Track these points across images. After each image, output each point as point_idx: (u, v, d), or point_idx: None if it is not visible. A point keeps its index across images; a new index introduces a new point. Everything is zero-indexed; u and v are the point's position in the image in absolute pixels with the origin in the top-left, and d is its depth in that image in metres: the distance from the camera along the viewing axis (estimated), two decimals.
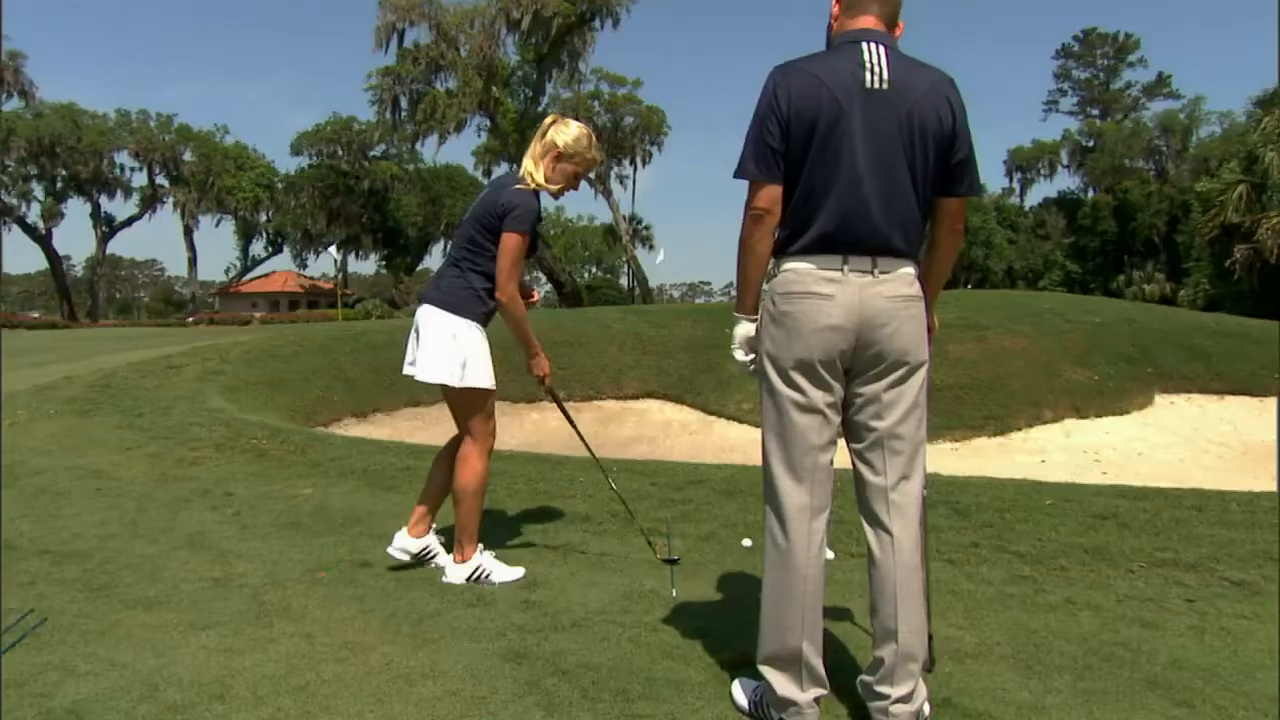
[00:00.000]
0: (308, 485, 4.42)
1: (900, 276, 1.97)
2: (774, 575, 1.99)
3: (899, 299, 1.96)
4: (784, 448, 1.99)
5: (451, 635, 2.49)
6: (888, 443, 1.99)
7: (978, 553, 3.28)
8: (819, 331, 1.94)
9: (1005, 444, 7.86)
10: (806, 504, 1.98)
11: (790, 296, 1.97)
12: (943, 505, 3.74)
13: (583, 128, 3.01)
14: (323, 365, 8.90)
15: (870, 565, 2.01)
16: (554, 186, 2.98)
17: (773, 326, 2.00)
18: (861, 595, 2.75)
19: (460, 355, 2.88)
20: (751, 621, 2.07)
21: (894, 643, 1.94)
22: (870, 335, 1.94)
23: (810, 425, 1.97)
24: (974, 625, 2.62)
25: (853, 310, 1.93)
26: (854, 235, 1.93)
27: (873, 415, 2.00)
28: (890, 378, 1.98)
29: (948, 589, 2.94)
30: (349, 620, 2.60)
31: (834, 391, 1.98)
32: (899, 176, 1.94)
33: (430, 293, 3.05)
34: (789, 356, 1.96)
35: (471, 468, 2.95)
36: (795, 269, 1.98)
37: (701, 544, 3.46)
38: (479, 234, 2.94)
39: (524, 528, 3.55)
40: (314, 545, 3.41)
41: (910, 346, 1.98)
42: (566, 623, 2.56)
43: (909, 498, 2.00)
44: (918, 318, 2.00)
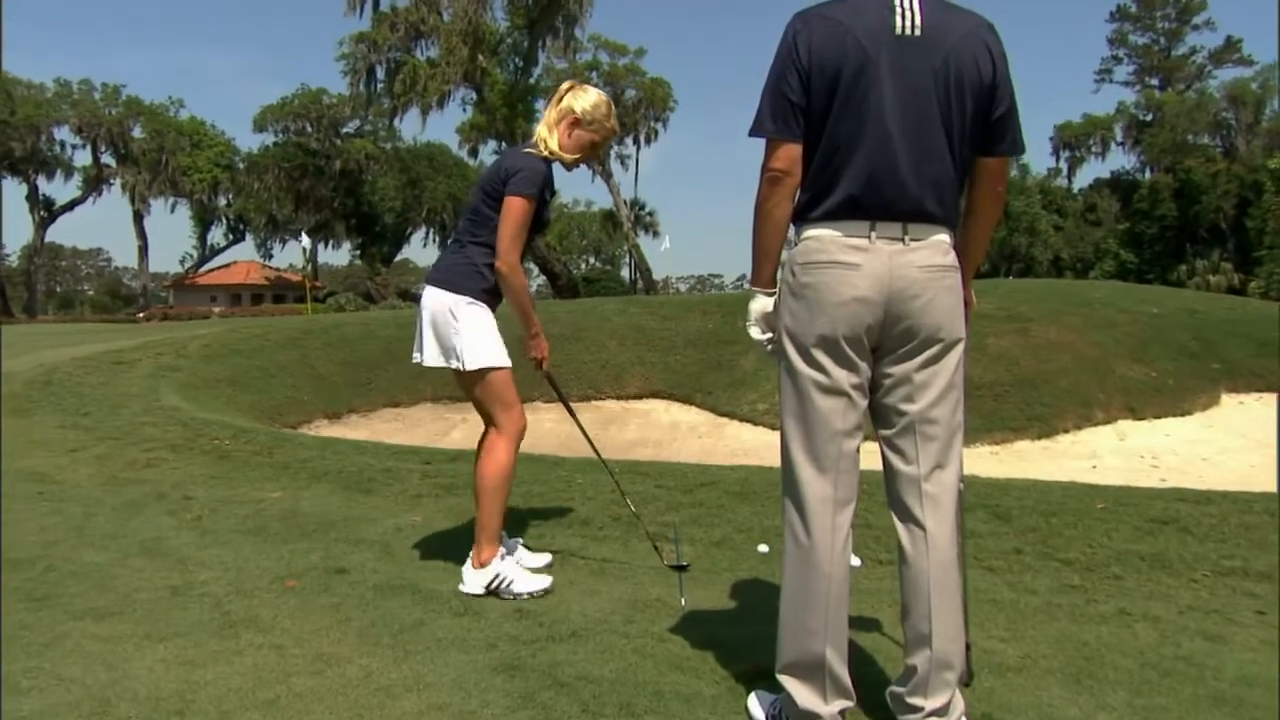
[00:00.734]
0: (275, 489, 4.45)
1: (933, 244, 1.98)
2: (794, 575, 2.00)
3: (932, 269, 1.97)
4: (805, 434, 2.01)
5: (437, 646, 2.51)
6: (920, 428, 2.01)
7: (1021, 560, 3.30)
8: (843, 305, 1.95)
9: (1051, 448, 7.87)
10: (830, 495, 1.99)
11: (812, 267, 1.99)
12: (981, 509, 3.76)
13: (601, 94, 3.06)
14: (291, 361, 8.93)
15: (901, 564, 2.03)
16: (569, 156, 3.01)
17: (792, 300, 2.02)
18: (891, 605, 2.78)
19: (462, 336, 2.92)
20: (769, 632, 2.08)
21: (928, 649, 1.96)
22: (900, 309, 1.96)
23: (834, 409, 1.99)
24: (1017, 637, 2.63)
25: (881, 281, 1.95)
26: (882, 198, 1.95)
27: (903, 398, 2.01)
28: (923, 356, 1.99)
29: (987, 598, 2.96)
30: (323, 630, 2.62)
31: (860, 371, 2.00)
32: (933, 133, 1.95)
33: (433, 273, 3.09)
34: (810, 332, 1.98)
35: (496, 460, 2.97)
36: (817, 236, 1.99)
37: (713, 550, 3.49)
38: (483, 203, 2.97)
39: (517, 533, 3.57)
40: (283, 552, 3.43)
41: (944, 321, 1.99)
42: (564, 633, 2.58)
43: (944, 488, 2.02)
44: (953, 289, 2.01)
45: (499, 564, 2.96)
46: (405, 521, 3.88)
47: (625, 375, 9.84)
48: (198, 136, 44.73)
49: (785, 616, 2.01)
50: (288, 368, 8.80)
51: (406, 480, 4.53)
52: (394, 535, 3.68)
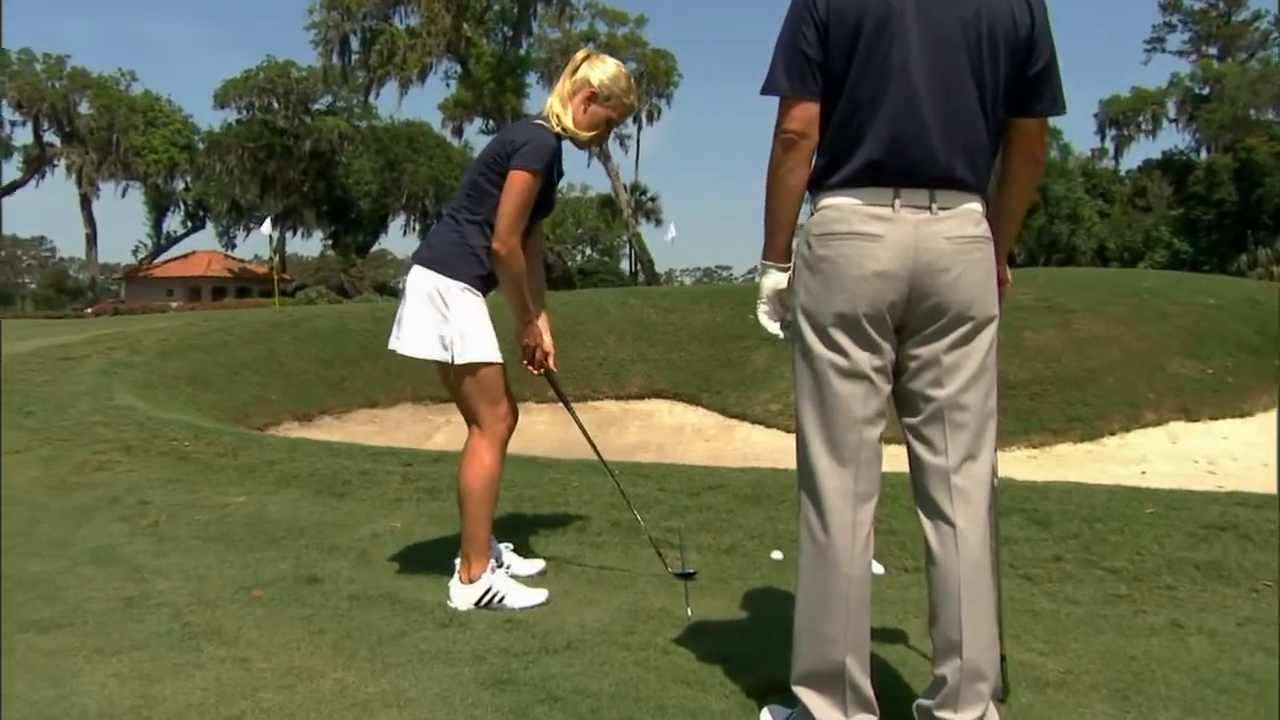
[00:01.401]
0: (240, 493, 4.49)
1: (964, 213, 1.99)
2: (811, 576, 2.01)
3: (962, 240, 1.98)
4: (822, 421, 2.02)
5: (419, 659, 2.53)
6: (949, 415, 2.01)
7: (1062, 568, 3.32)
8: (865, 279, 1.96)
9: (1095, 452, 7.90)
10: (850, 489, 2.00)
11: (830, 238, 2.00)
12: (1017, 513, 3.78)
13: (621, 66, 3.05)
14: (256, 357, 8.98)
15: (928, 565, 2.04)
16: (584, 133, 3.01)
17: (809, 275, 2.03)
18: (918, 615, 2.81)
19: (453, 325, 2.92)
20: (783, 643, 2.10)
21: (958, 658, 1.97)
22: (927, 284, 1.97)
23: (854, 394, 2.00)
24: (1057, 650, 2.64)
25: (906, 253, 1.96)
26: (907, 163, 1.96)
27: (931, 382, 2.02)
28: (952, 335, 2.00)
29: (1024, 609, 2.97)
30: (293, 643, 2.64)
31: (883, 353, 2.01)
32: (963, 91, 1.96)
33: (420, 251, 3.09)
34: (828, 310, 1.99)
35: (479, 463, 2.97)
36: (836, 205, 2.01)
37: (721, 557, 3.51)
38: (483, 177, 2.97)
39: (506, 540, 3.58)
40: (248, 560, 3.46)
41: (976, 297, 2.00)
42: (559, 644, 2.61)
43: (975, 481, 2.03)
44: (984, 263, 2.02)
45: (490, 578, 2.97)
46: (383, 527, 3.91)
47: (625, 373, 9.87)
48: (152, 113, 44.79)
49: (801, 622, 2.03)
50: (253, 365, 8.84)
51: (385, 483, 4.56)
52: (371, 542, 3.70)
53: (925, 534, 2.05)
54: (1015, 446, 7.78)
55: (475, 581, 2.96)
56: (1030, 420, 8.13)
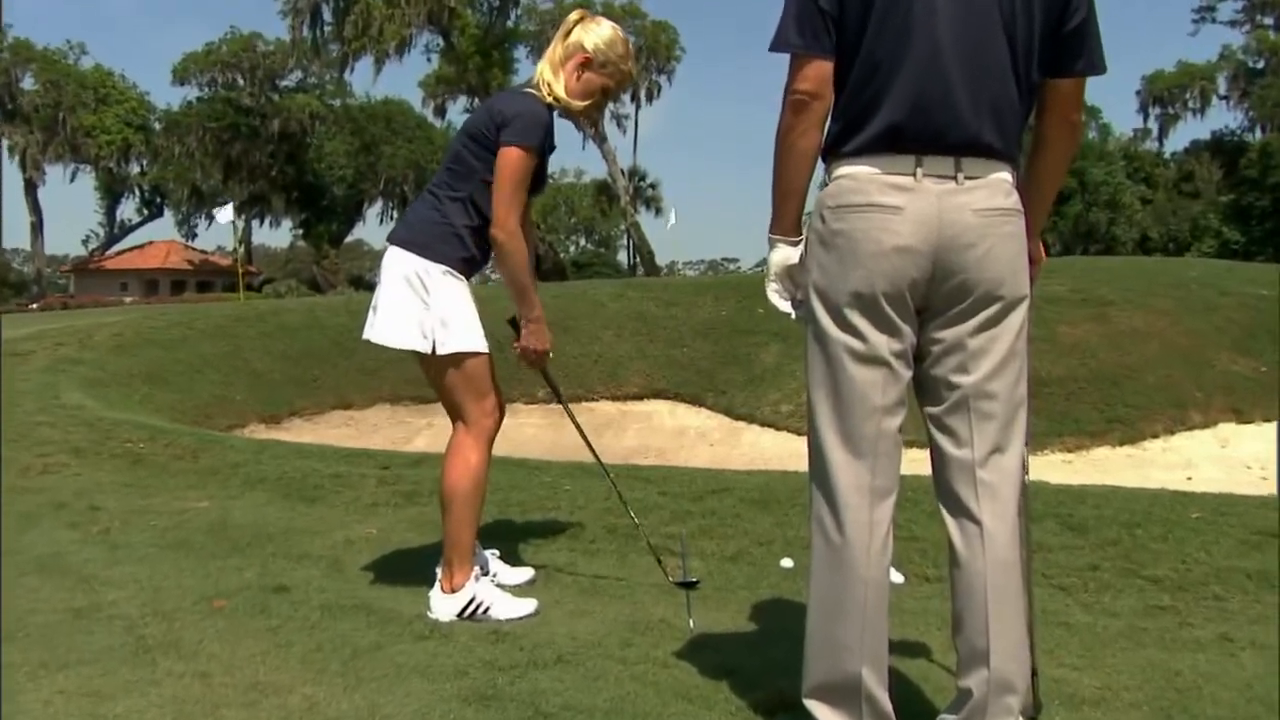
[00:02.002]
0: (201, 497, 4.51)
1: (992, 183, 1.99)
2: (824, 579, 2.02)
3: (991, 212, 1.99)
4: (837, 411, 2.02)
5: (397, 673, 2.53)
6: (975, 404, 2.02)
7: (1099, 577, 3.33)
8: (884, 255, 1.96)
9: (1137, 456, 7.93)
10: (867, 484, 2.01)
11: (845, 211, 2.00)
12: (1051, 519, 3.80)
13: (617, 29, 3.05)
14: (220, 354, 9.01)
15: (952, 567, 2.04)
16: (577, 102, 3.01)
17: (822, 251, 2.03)
18: (941, 627, 2.81)
19: (434, 311, 2.91)
20: (793, 656, 2.09)
21: (984, 668, 1.97)
22: (952, 260, 1.97)
23: (871, 381, 2.00)
24: (1094, 665, 2.65)
25: (929, 227, 1.96)
26: (931, 127, 1.96)
27: (956, 368, 2.02)
28: (979, 317, 2.00)
29: (1058, 621, 2.98)
30: (258, 656, 2.64)
31: (903, 336, 2.01)
32: (993, 48, 1.96)
33: (397, 230, 3.09)
34: (843, 289, 1.99)
35: (463, 462, 2.97)
36: (852, 174, 2.01)
37: (726, 565, 3.52)
38: (467, 150, 2.97)
39: (492, 547, 3.59)
40: (209, 569, 3.47)
41: (1005, 275, 2.00)
42: (549, 658, 2.61)
43: (1004, 476, 2.03)
44: (1015, 237, 2.02)
45: (474, 587, 2.97)
46: (358, 534, 3.92)
47: (622, 371, 9.89)
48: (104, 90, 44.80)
49: (813, 629, 2.03)
50: (215, 362, 8.86)
51: (359, 487, 4.58)
52: (344, 549, 3.72)
53: (949, 533, 2.05)
54: (1048, 450, 7.80)
55: (458, 591, 2.96)
56: (1065, 422, 8.14)
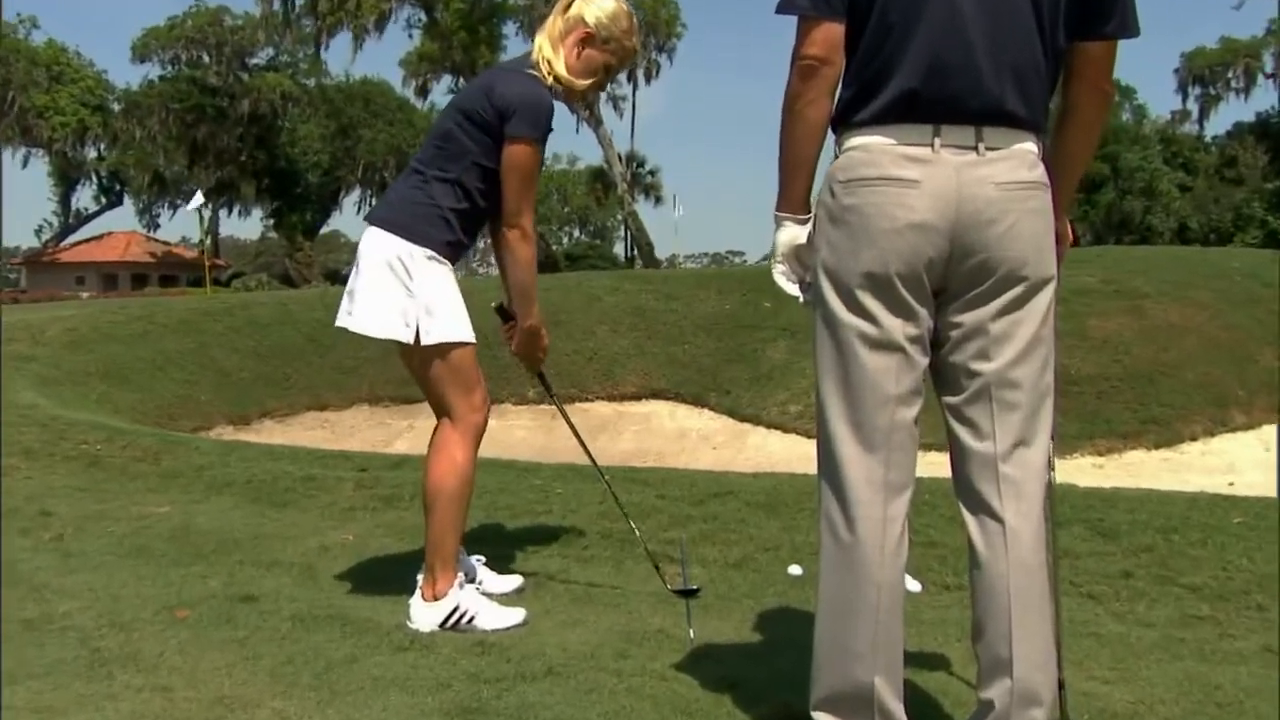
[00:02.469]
0: (162, 502, 4.53)
1: (1016, 154, 2.00)
2: (834, 581, 2.02)
3: (1014, 186, 1.99)
4: (847, 400, 2.03)
5: (373, 686, 2.53)
6: (998, 393, 2.02)
7: (1132, 585, 3.35)
8: (898, 232, 1.97)
9: (1173, 459, 7.94)
10: (880, 479, 2.01)
11: (857, 184, 2.00)
12: (1080, 524, 3.81)
13: (621, 2, 3.07)
14: (184, 350, 9.02)
15: (972, 569, 2.04)
16: (579, 81, 3.03)
17: (832, 228, 2.04)
18: (961, 638, 2.82)
19: (418, 298, 2.92)
20: (801, 668, 2.10)
21: (1007, 678, 1.97)
22: (972, 238, 1.97)
23: (885, 368, 2.00)
24: (1127, 678, 2.66)
25: (947, 202, 1.96)
26: (949, 94, 1.96)
27: (976, 354, 2.03)
28: (1001, 299, 2.01)
29: (1088, 631, 2.99)
30: (224, 669, 2.65)
31: (919, 320, 2.01)
32: (1016, 8, 1.97)
33: (378, 210, 3.10)
34: (854, 269, 1.99)
35: (449, 460, 2.98)
36: (864, 145, 2.01)
37: (730, 572, 3.54)
38: (459, 128, 2.98)
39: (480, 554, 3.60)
40: (171, 577, 3.48)
41: (1030, 254, 2.00)
42: (538, 670, 2.62)
43: (1028, 471, 2.03)
44: (1041, 213, 2.02)
45: (457, 595, 2.98)
46: (333, 540, 3.94)
47: (619, 370, 9.90)
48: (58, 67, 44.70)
49: (822, 636, 2.03)
50: (179, 359, 8.87)
51: (335, 491, 4.60)
52: (318, 556, 3.73)
53: (968, 533, 2.06)
54: (1078, 453, 7.81)
55: (440, 599, 2.96)
56: (1096, 423, 8.15)
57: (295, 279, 40.84)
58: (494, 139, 2.93)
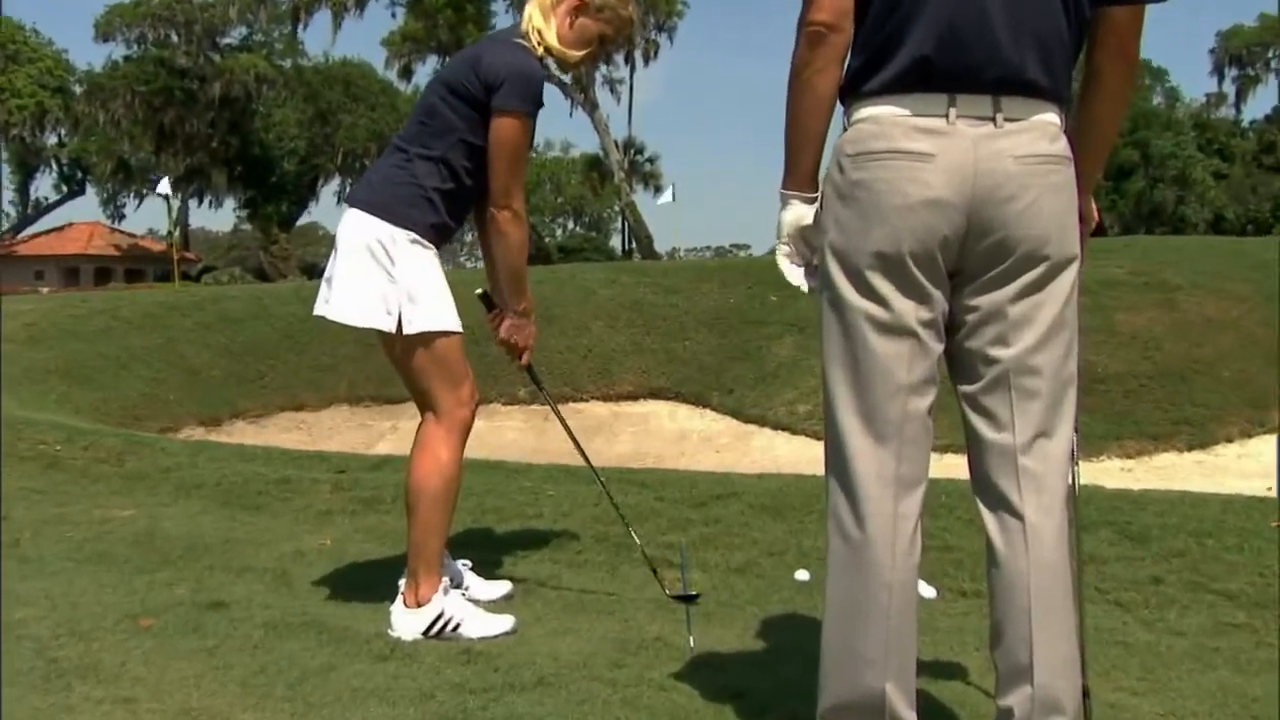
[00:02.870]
0: (126, 505, 4.54)
1: (1037, 126, 2.00)
2: (842, 582, 2.02)
3: (1035, 159, 1.99)
4: (857, 389, 2.02)
5: (351, 697, 2.54)
6: (1017, 380, 2.02)
7: (1161, 592, 3.37)
8: (911, 209, 1.96)
9: (1208, 462, 7.96)
10: (891, 473, 2.01)
11: (867, 159, 2.00)
12: (1107, 527, 3.83)
13: None
14: (150, 347, 9.03)
15: (990, 568, 2.04)
16: (572, 52, 3.03)
17: (840, 205, 2.03)
18: (980, 646, 2.82)
19: (401, 284, 2.92)
20: (807, 678, 2.10)
21: (1027, 684, 1.97)
22: (990, 215, 1.97)
23: (896, 354, 2.00)
24: (1156, 688, 2.67)
25: (963, 176, 1.96)
26: (965, 61, 1.96)
27: (994, 339, 2.03)
28: (1020, 281, 2.01)
29: (1115, 640, 3.00)
30: (191, 680, 2.65)
31: (933, 303, 2.01)
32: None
33: (358, 190, 3.10)
34: (864, 249, 1.99)
35: (434, 458, 2.98)
36: (875, 116, 2.01)
37: (732, 578, 3.55)
38: (445, 103, 2.98)
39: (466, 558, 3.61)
40: (135, 584, 3.48)
41: (1051, 232, 2.00)
42: (528, 680, 2.62)
43: (1049, 464, 2.03)
44: (1063, 188, 2.02)
45: (442, 601, 2.98)
46: (309, 545, 3.94)
47: (615, 368, 9.90)
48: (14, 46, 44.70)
49: (829, 641, 2.03)
50: (145, 357, 8.88)
51: (312, 493, 4.61)
52: (293, 562, 3.73)
53: (986, 530, 2.06)
54: (1105, 455, 7.83)
55: (423, 606, 2.96)
56: (1124, 423, 8.16)
57: (270, 273, 40.81)
58: (481, 114, 2.93)
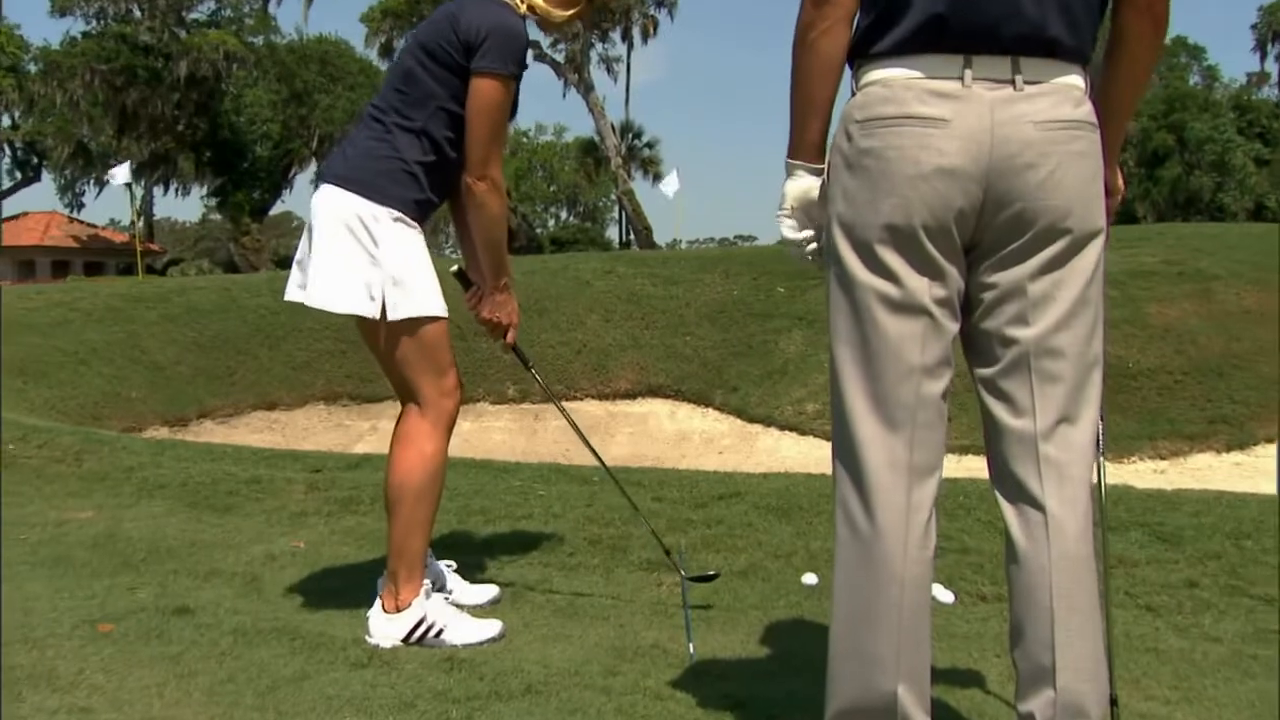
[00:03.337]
0: (85, 506, 4.54)
1: (1059, 89, 2.00)
2: (851, 578, 2.02)
3: (1057, 125, 1.99)
4: (866, 372, 2.03)
5: (325, 706, 2.54)
6: (1037, 363, 2.02)
7: (1196, 596, 3.38)
8: (923, 178, 1.97)
9: (1246, 464, 7.97)
10: (903, 461, 2.01)
11: (876, 124, 2.01)
12: (1137, 529, 3.85)
13: None
14: (111, 342, 9.02)
15: (1009, 564, 2.05)
16: (557, 11, 3.05)
17: (848, 175, 2.04)
18: (1000, 653, 2.84)
19: (384, 267, 2.92)
20: (815, 687, 2.10)
21: (1049, 688, 1.98)
22: (1008, 185, 1.97)
23: (908, 334, 2.01)
24: (1190, 698, 2.68)
25: (980, 143, 1.97)
26: (982, 20, 1.97)
27: (1013, 319, 2.03)
28: (1041, 256, 2.01)
29: (1146, 646, 3.02)
30: (153, 688, 2.65)
31: (947, 279, 2.01)
32: None
33: (333, 164, 3.10)
34: (874, 221, 1.99)
35: (417, 451, 2.98)
36: (885, 80, 2.02)
37: (736, 581, 3.55)
38: (421, 68, 2.98)
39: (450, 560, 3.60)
40: (94, 588, 3.48)
41: (1074, 203, 2.00)
42: (515, 688, 2.62)
43: (1073, 452, 2.03)
44: (1087, 156, 2.03)
45: (424, 605, 2.98)
46: (281, 548, 3.95)
47: (611, 364, 9.91)
48: None
49: (837, 641, 2.03)
50: (105, 352, 8.87)
51: (285, 494, 4.62)
52: (264, 566, 3.74)
53: (1006, 524, 2.06)
54: (1137, 456, 7.84)
55: (404, 610, 2.96)
56: (1157, 422, 8.17)
57: (241, 266, 40.80)
58: (463, 79, 2.92)
